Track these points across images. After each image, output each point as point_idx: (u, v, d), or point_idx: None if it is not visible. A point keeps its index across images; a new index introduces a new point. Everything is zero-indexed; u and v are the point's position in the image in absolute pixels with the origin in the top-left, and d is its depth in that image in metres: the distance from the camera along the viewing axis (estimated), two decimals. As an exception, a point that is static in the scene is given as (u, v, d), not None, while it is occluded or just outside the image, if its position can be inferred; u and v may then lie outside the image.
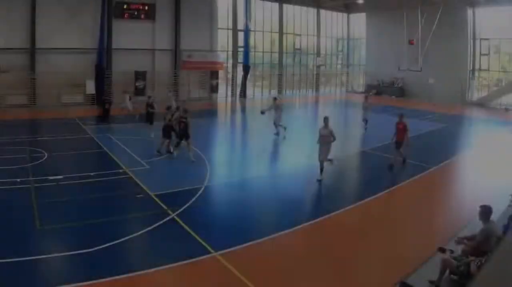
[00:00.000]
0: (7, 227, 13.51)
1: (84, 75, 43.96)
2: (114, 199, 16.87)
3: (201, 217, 15.17)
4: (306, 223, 14.82)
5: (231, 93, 56.73)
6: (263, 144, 28.28)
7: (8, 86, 39.48)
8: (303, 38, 64.43)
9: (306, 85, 65.70)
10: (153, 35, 48.70)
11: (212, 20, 53.16)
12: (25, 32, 40.88)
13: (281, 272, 11.57)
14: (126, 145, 25.48)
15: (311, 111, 48.79)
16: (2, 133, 28.70)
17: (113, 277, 10.70)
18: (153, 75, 48.93)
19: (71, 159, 22.63)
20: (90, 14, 44.21)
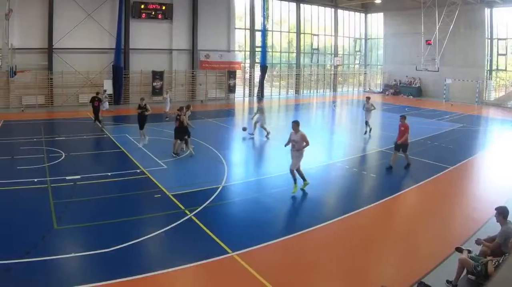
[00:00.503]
0: (24, 226, 13.38)
1: (102, 75, 43.70)
2: (132, 199, 16.59)
3: (219, 217, 14.96)
4: (324, 223, 14.44)
5: (248, 93, 56.11)
6: (280, 144, 26.18)
7: (25, 87, 39.21)
8: (321, 38, 63.56)
9: (323, 85, 64.86)
10: (171, 35, 48.01)
11: (229, 20, 52.36)
12: (43, 32, 40.48)
13: (299, 272, 11.25)
14: (143, 144, 24.89)
15: (328, 112, 47.98)
16: (19, 133, 28.75)
17: (130, 277, 10.55)
18: (171, 75, 48.32)
19: (88, 159, 22.39)
20: (108, 14, 43.77)
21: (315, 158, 22.32)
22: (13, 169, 19.64)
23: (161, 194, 16.62)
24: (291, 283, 10.75)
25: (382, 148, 26.08)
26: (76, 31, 41.62)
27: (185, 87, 49.56)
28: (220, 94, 52.04)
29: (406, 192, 18.52)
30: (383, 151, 25.12)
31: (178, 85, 48.89)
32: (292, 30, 60.45)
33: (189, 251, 12.11)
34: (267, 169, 22.30)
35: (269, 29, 56.07)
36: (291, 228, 13.96)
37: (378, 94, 62.31)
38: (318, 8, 62.05)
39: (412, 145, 24.81)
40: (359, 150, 25.67)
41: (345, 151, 25.71)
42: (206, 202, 15.76)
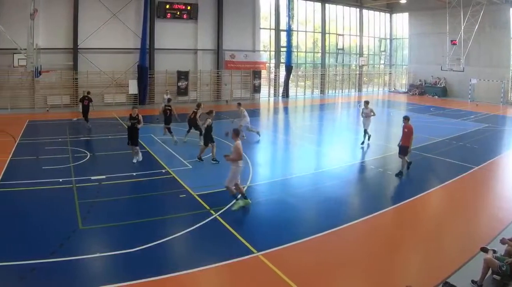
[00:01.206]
0: (50, 227, 13.24)
1: (127, 75, 42.72)
2: (157, 199, 16.27)
3: (244, 217, 14.71)
4: (349, 222, 14.22)
5: (273, 93, 54.76)
6: (305, 144, 27.10)
7: (50, 87, 38.40)
8: (346, 38, 61.86)
9: (348, 85, 63.10)
10: (196, 35, 46.80)
11: (254, 20, 51.08)
12: (68, 32, 39.64)
13: (324, 272, 11.09)
14: (168, 144, 24.69)
15: (353, 112, 46.12)
16: (45, 133, 28.25)
17: (155, 277, 10.39)
18: (196, 75, 47.16)
19: (113, 159, 21.93)
20: (133, 14, 42.73)
21: (340, 158, 22.02)
22: (39, 169, 19.35)
23: (186, 194, 16.35)
24: (316, 283, 10.56)
25: None
26: (101, 31, 40.76)
27: (210, 87, 48.38)
28: (245, 94, 50.71)
29: (431, 192, 18.04)
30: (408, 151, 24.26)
31: (203, 85, 47.78)
32: (317, 30, 58.87)
33: (214, 251, 11.90)
34: (292, 169, 21.52)
35: (294, 29, 54.78)
36: (316, 228, 13.61)
37: (403, 94, 61.13)
38: (343, 8, 60.40)
39: (437, 145, 25.76)
40: (384, 150, 24.89)
41: (370, 151, 24.92)
42: (231, 202, 15.27)
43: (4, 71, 36.82)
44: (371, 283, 10.81)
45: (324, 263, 11.58)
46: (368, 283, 10.86)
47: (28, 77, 37.68)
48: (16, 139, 25.45)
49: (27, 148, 23.67)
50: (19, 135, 26.72)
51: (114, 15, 41.51)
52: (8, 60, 35.91)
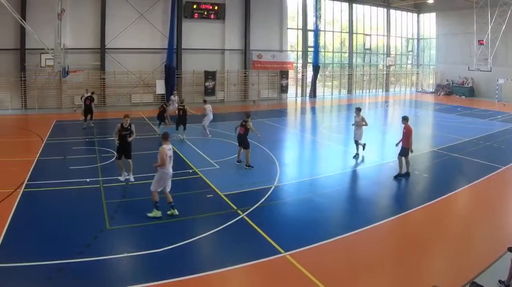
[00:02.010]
0: (77, 227, 12.86)
1: (154, 75, 41.48)
2: (184, 199, 15.43)
3: (271, 217, 14.20)
4: (376, 222, 13.76)
5: (300, 93, 53.04)
6: (332, 144, 26.26)
7: (77, 86, 37.18)
8: (373, 38, 59.84)
9: (376, 85, 61.12)
10: (223, 35, 45.30)
11: (281, 20, 49.35)
12: (95, 32, 38.72)
13: (351, 272, 10.84)
14: (195, 144, 24.06)
15: (380, 112, 45.02)
16: (72, 133, 27.73)
17: (182, 277, 10.13)
18: (223, 75, 45.70)
19: (140, 159, 20.76)
20: (160, 14, 41.56)
21: (367, 158, 21.52)
22: (66, 169, 18.94)
23: (213, 194, 15.97)
24: (343, 283, 10.34)
25: (435, 147, 24.80)
26: (128, 31, 39.65)
27: (237, 88, 46.89)
28: (272, 94, 49.24)
29: (459, 192, 17.44)
30: (436, 151, 23.94)
31: (230, 85, 46.32)
32: (345, 30, 56.98)
33: (241, 251, 11.60)
34: (319, 169, 20.90)
35: (322, 29, 52.88)
36: (343, 228, 13.24)
37: (430, 94, 59.18)
38: (370, 8, 58.35)
39: (464, 145, 25.30)
40: None
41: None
42: (258, 202, 15.11)
43: (32, 71, 36.09)
44: (398, 283, 10.50)
45: (351, 263, 11.28)
46: (395, 283, 10.53)
47: (55, 77, 36.91)
48: (43, 139, 24.86)
49: (54, 147, 23.10)
50: (46, 135, 26.10)
51: (142, 15, 40.32)
52: (36, 60, 34.93)
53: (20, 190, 15.75)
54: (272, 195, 16.07)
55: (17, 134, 27.45)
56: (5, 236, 11.87)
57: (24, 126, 30.57)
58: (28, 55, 35.61)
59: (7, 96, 36.33)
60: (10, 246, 11.40)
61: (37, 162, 19.87)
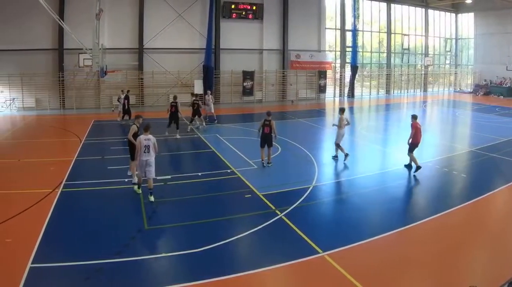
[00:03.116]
0: (115, 227, 12.43)
1: (192, 75, 39.23)
2: (222, 199, 15.19)
3: (309, 217, 13.53)
4: (414, 222, 13.11)
5: (339, 93, 50.06)
6: (370, 144, 24.90)
7: (115, 86, 35.19)
8: (411, 38, 56.27)
9: (414, 85, 57.48)
10: (261, 35, 42.67)
11: (320, 20, 46.32)
12: (133, 32, 36.91)
13: (389, 272, 10.23)
14: (234, 144, 22.94)
15: (418, 112, 40.97)
16: (109, 133, 26.70)
17: (220, 277, 9.68)
18: (261, 75, 43.10)
19: (178, 159, 20.85)
20: (198, 14, 39.29)
21: (405, 158, 19.61)
22: (104, 169, 18.31)
23: (251, 194, 15.28)
24: (381, 283, 9.72)
25: (473, 147, 23.48)
26: (166, 31, 37.61)
27: (275, 88, 44.14)
28: (310, 94, 46.33)
29: (497, 191, 16.50)
30: (474, 151, 22.67)
31: (268, 85, 43.62)
32: (383, 30, 53.58)
33: (279, 251, 11.07)
34: (357, 168, 19.48)
35: (360, 29, 49.92)
36: (381, 228, 12.54)
37: (468, 94, 55.58)
38: (408, 8, 54.69)
39: (503, 145, 23.97)
40: (449, 150, 23.20)
41: (436, 151, 22.98)
42: (296, 201, 14.43)
43: (70, 71, 34.58)
44: (436, 283, 9.96)
45: (390, 263, 10.72)
46: (433, 283, 10.00)
47: (93, 77, 35.38)
48: (81, 139, 23.92)
49: (92, 147, 22.26)
50: (84, 135, 25.09)
51: (180, 15, 38.14)
52: (74, 60, 33.15)
53: (58, 190, 15.07)
54: (310, 195, 15.27)
55: (56, 135, 26.42)
56: (43, 236, 11.36)
57: (62, 126, 29.49)
58: (66, 55, 34.11)
59: (45, 97, 34.89)
60: (48, 246, 10.88)
61: (75, 162, 19.07)
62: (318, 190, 16.05)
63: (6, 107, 34.14)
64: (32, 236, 11.27)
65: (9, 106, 34.22)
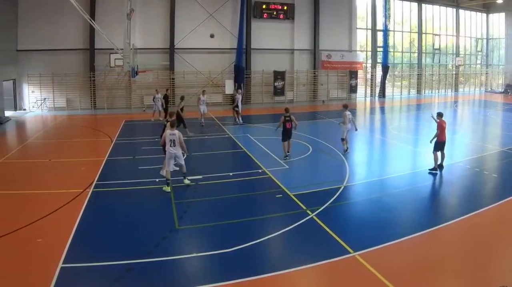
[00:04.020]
0: (147, 227, 11.73)
1: (223, 75, 37.04)
2: (253, 199, 14.40)
3: (340, 217, 12.74)
4: (445, 223, 12.18)
5: (370, 93, 47.21)
6: (401, 144, 23.50)
7: (146, 87, 33.48)
8: (442, 38, 53.07)
9: (445, 85, 54.28)
10: (292, 35, 40.09)
11: (351, 20, 43.60)
12: (164, 32, 35.06)
13: (421, 273, 9.38)
14: (265, 144, 21.54)
15: (449, 112, 39.12)
16: (141, 133, 25.79)
17: (251, 277, 8.95)
18: (292, 75, 40.58)
19: (210, 159, 19.61)
20: (229, 14, 37.15)
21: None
22: (135, 169, 17.46)
23: (282, 194, 14.40)
24: (413, 283, 8.98)
25: (504, 147, 22.11)
26: (197, 31, 35.46)
27: (306, 88, 41.50)
28: (341, 94, 43.57)
29: None
30: (505, 151, 21.36)
31: (299, 85, 41.00)
32: (414, 30, 50.44)
33: (311, 251, 10.32)
34: (389, 168, 18.60)
35: (391, 29, 46.75)
36: (413, 228, 11.71)
37: (499, 94, 52.41)
38: (439, 8, 51.50)
39: None
40: (480, 150, 21.91)
41: (467, 150, 22.06)
42: (328, 201, 13.60)
43: (101, 71, 32.85)
44: (467, 283, 9.23)
45: (421, 263, 9.94)
46: (464, 283, 9.26)
47: (124, 77, 33.52)
48: (112, 139, 22.94)
49: (123, 147, 21.29)
50: (115, 135, 24.06)
51: (211, 15, 35.90)
52: (105, 60, 31.36)
53: (89, 190, 14.42)
54: (341, 195, 14.48)
55: (87, 135, 25.29)
56: (74, 236, 10.81)
57: (93, 126, 28.21)
58: (97, 55, 32.43)
59: (76, 96, 33.26)
60: (79, 246, 10.37)
61: (107, 162, 18.23)
62: (349, 190, 15.22)
63: (37, 107, 32.63)
64: (63, 236, 10.68)
65: (40, 106, 32.73)
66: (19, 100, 32.73)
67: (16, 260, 9.55)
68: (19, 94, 32.70)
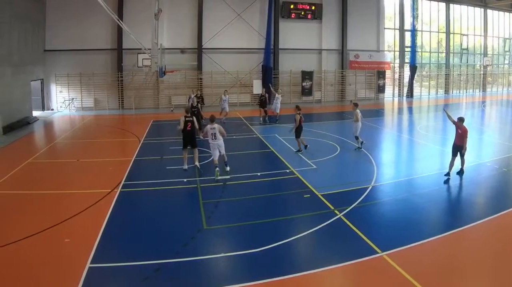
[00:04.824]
0: (175, 226, 11.15)
1: (251, 76, 34.81)
2: (281, 199, 13.65)
3: (368, 217, 11.94)
4: (473, 223, 11.31)
5: (397, 93, 44.40)
6: (429, 143, 22.11)
7: (174, 87, 31.77)
8: (470, 38, 49.83)
9: (473, 85, 51.04)
10: (320, 35, 37.63)
11: (379, 20, 40.90)
12: (192, 32, 33.10)
13: (449, 273, 8.88)
14: (293, 144, 20.10)
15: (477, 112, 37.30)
16: (169, 133, 24.05)
17: (279, 277, 8.56)
18: (320, 75, 38.17)
19: (238, 159, 18.36)
20: (257, 14, 34.99)
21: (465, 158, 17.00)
22: (163, 169, 16.67)
23: (310, 194, 13.71)
24: (441, 283, 8.46)
25: None
26: (225, 31, 33.41)
27: (334, 88, 38.96)
28: (369, 94, 40.98)
29: None
30: None
31: (327, 85, 38.48)
32: (442, 30, 47.38)
33: (338, 251, 9.73)
34: (417, 168, 17.65)
35: (419, 29, 44.10)
36: (441, 228, 11.05)
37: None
38: (467, 8, 48.18)
39: None
40: (508, 150, 20.66)
41: (495, 151, 20.77)
42: (355, 202, 12.95)
43: (129, 71, 31.02)
44: (495, 283, 8.63)
45: (450, 263, 9.25)
46: (492, 283, 8.66)
47: (152, 77, 31.63)
48: (140, 139, 21.90)
49: (151, 147, 20.34)
50: (143, 135, 22.93)
51: (239, 15, 33.76)
52: (133, 60, 29.81)
53: (117, 190, 13.84)
54: (369, 195, 13.82)
55: (114, 135, 24.20)
56: (102, 236, 10.30)
57: (121, 126, 26.72)
58: (125, 55, 30.65)
59: (104, 97, 31.47)
60: (106, 246, 9.85)
61: (134, 162, 17.51)
62: (377, 190, 14.49)
63: (65, 108, 30.98)
64: (91, 236, 10.26)
65: (68, 107, 31.05)
66: (46, 100, 31.08)
67: (44, 260, 9.08)
68: (47, 94, 31.03)
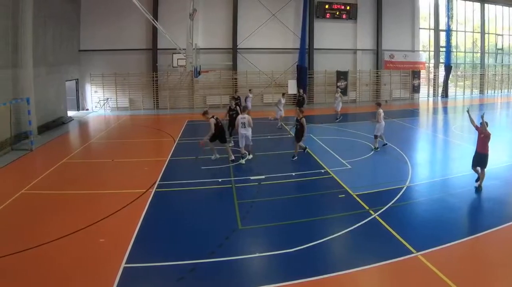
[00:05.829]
0: (210, 227, 10.30)
1: (286, 76, 32.21)
2: (316, 199, 12.50)
3: (403, 217, 10.86)
4: (508, 223, 10.30)
5: (432, 93, 41.02)
6: (464, 143, 20.62)
7: (209, 87, 29.56)
8: (505, 38, 45.84)
9: (508, 85, 46.94)
10: (355, 35, 34.71)
11: (413, 20, 37.62)
12: (227, 32, 30.87)
13: (485, 273, 8.17)
14: (327, 144, 19.33)
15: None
16: (203, 133, 22.02)
17: (314, 277, 7.97)
18: (355, 75, 35.44)
19: (272, 159, 17.59)
20: (292, 14, 32.36)
21: (498, 158, 16.60)
22: (198, 169, 15.58)
23: (345, 194, 12.73)
24: (476, 283, 7.81)
25: None
26: (260, 31, 30.89)
27: (369, 88, 36.02)
28: (404, 94, 37.72)
29: None
30: None
31: (362, 85, 35.64)
32: (476, 30, 43.66)
33: (373, 251, 8.91)
34: (452, 168, 16.42)
35: (453, 29, 40.50)
36: (476, 228, 10.13)
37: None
38: (502, 8, 44.06)
39: None
40: None
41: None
42: (390, 202, 11.83)
43: (164, 71, 28.88)
44: None
45: (485, 263, 8.53)
46: None
47: (187, 77, 29.46)
48: (175, 139, 20.81)
49: (186, 148, 19.23)
50: (178, 135, 21.76)
51: (273, 15, 31.13)
52: (168, 60, 27.71)
53: (152, 190, 13.02)
54: (404, 195, 12.84)
55: (149, 135, 22.97)
56: (136, 236, 9.59)
57: (156, 126, 25.08)
58: (160, 55, 28.54)
59: (139, 97, 29.36)
60: (141, 246, 9.13)
61: (169, 162, 16.64)
62: (412, 190, 13.59)
63: (100, 107, 29.00)
64: (126, 236, 9.58)
65: (103, 106, 29.09)
66: (81, 100, 29.16)
67: (79, 260, 8.52)
68: (82, 94, 29.09)
